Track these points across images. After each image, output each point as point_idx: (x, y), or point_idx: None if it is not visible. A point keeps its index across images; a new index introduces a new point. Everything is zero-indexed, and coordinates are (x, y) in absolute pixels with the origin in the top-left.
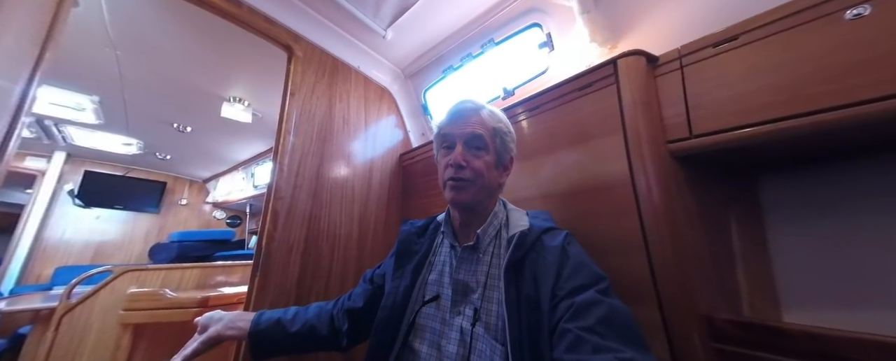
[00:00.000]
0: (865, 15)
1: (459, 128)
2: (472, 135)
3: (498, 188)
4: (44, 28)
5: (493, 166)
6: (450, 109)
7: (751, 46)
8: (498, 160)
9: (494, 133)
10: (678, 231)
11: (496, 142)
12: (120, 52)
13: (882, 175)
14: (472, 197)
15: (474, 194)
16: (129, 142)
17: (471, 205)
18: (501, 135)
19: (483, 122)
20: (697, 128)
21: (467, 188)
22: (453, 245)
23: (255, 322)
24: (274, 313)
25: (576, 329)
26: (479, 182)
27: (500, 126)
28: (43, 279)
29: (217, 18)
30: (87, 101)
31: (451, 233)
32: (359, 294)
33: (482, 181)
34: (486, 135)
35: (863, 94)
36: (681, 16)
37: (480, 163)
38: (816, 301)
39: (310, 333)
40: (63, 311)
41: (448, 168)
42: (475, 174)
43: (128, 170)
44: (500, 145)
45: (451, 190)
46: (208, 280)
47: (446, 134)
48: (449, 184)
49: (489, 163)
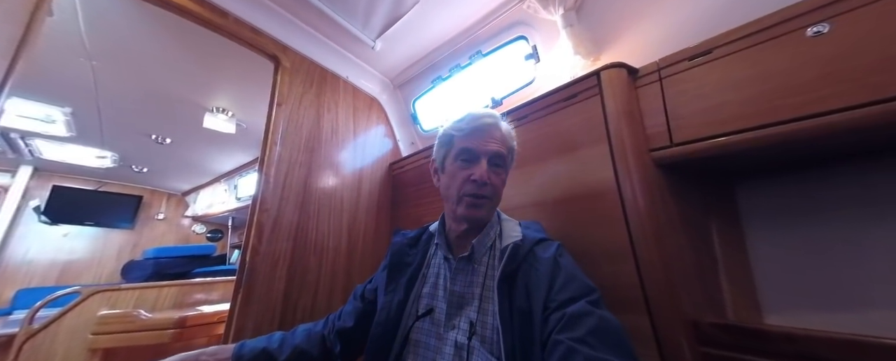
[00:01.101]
0: (824, 33)
1: (483, 143)
2: (496, 154)
3: (500, 202)
4: (15, 38)
5: (504, 183)
6: (469, 120)
7: (723, 60)
8: (506, 176)
9: (510, 150)
10: (663, 237)
11: (509, 159)
12: (96, 63)
13: (851, 183)
14: (487, 213)
15: (490, 211)
16: (103, 155)
17: (483, 222)
18: (512, 153)
19: (504, 140)
20: (677, 137)
21: (485, 205)
22: (447, 256)
23: (236, 354)
24: (257, 342)
25: (567, 341)
26: (496, 199)
27: (513, 144)
28: (2, 302)
29: (200, 28)
30: (58, 113)
31: (445, 245)
32: (349, 312)
33: (498, 198)
34: (506, 153)
35: (825, 106)
36: (659, 30)
37: (500, 180)
38: (795, 305)
39: (300, 359)
40: (25, 337)
41: (470, 183)
42: (495, 191)
43: (101, 184)
44: (511, 161)
45: (469, 206)
46: (186, 298)
47: (468, 148)
48: (467, 200)
49: (504, 181)
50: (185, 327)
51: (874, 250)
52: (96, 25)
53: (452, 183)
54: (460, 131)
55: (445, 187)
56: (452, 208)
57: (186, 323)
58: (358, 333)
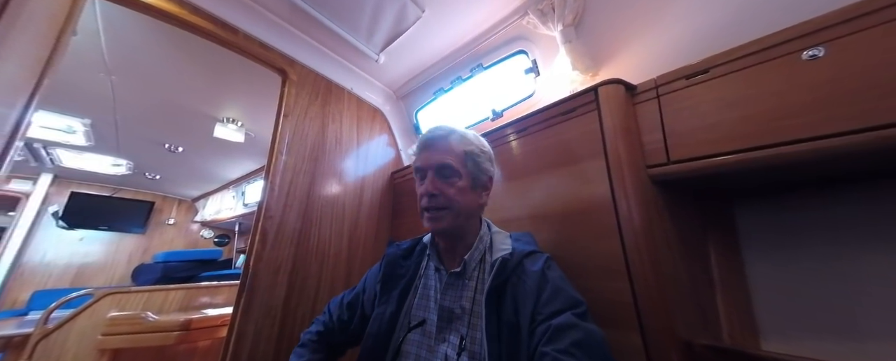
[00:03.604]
0: (820, 57)
1: (429, 157)
2: (441, 165)
3: (478, 209)
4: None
5: (468, 189)
6: (420, 138)
7: (720, 80)
8: (473, 182)
9: (466, 157)
10: (659, 254)
11: (468, 165)
12: (115, 77)
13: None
14: (448, 224)
15: (451, 221)
16: (118, 163)
17: (450, 232)
18: (473, 158)
19: (451, 149)
20: (674, 155)
21: (444, 217)
22: (438, 268)
23: None
24: None
25: (552, 353)
26: (455, 207)
27: (472, 148)
28: (18, 304)
29: (212, 44)
30: (78, 124)
31: (437, 257)
32: (338, 330)
33: (458, 206)
34: (456, 162)
35: (817, 131)
36: (657, 48)
37: (453, 189)
38: (792, 328)
39: None
40: (39, 337)
41: (423, 197)
42: (448, 201)
43: (115, 191)
44: (474, 167)
45: (428, 220)
46: (192, 301)
47: (418, 166)
48: (425, 215)
49: (463, 188)
50: (189, 329)
51: (873, 276)
52: (116, 43)
53: (418, 202)
54: (415, 153)
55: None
56: (424, 225)
57: (191, 326)
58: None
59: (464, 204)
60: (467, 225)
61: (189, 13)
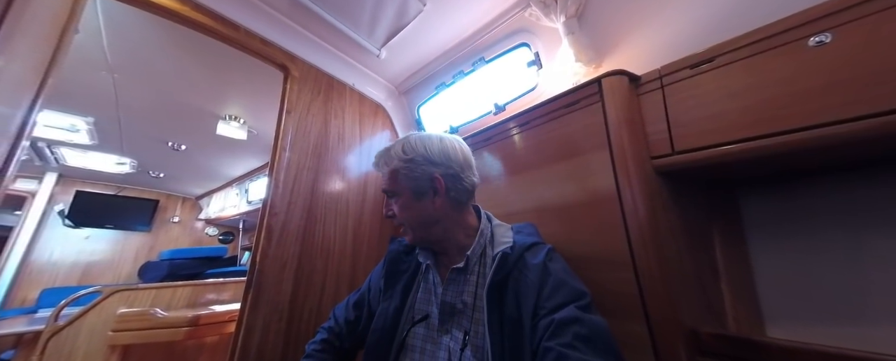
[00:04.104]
0: (827, 43)
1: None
2: (383, 190)
3: (440, 212)
4: (48, 55)
5: (411, 202)
6: None
7: (725, 69)
8: (415, 193)
9: (394, 175)
10: (663, 245)
11: (401, 181)
12: (117, 75)
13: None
14: (412, 237)
15: (413, 234)
16: (122, 162)
17: (419, 242)
18: (402, 172)
19: (383, 173)
20: (679, 145)
21: (405, 231)
22: (427, 264)
23: None
24: None
25: (557, 347)
26: (409, 223)
27: (396, 165)
28: (28, 302)
29: (213, 40)
30: (81, 122)
31: (431, 257)
32: (347, 333)
33: (411, 221)
34: (389, 183)
35: (826, 117)
36: (660, 38)
37: (396, 207)
38: (798, 315)
39: None
40: (50, 334)
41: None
42: (401, 218)
43: (120, 189)
44: (405, 179)
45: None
46: (199, 298)
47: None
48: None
49: (404, 204)
50: (197, 325)
51: (878, 262)
52: (118, 40)
53: None
54: None
55: None
56: None
57: (199, 322)
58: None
59: (416, 217)
60: (436, 231)
61: (190, 9)
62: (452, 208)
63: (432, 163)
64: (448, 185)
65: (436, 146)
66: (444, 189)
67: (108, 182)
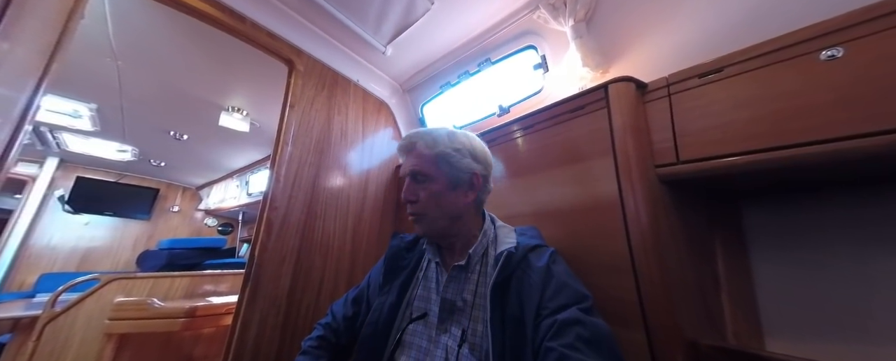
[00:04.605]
0: (838, 57)
1: (405, 164)
2: (412, 172)
3: (466, 208)
4: (53, 40)
5: (445, 191)
6: (398, 146)
7: (734, 79)
8: (452, 183)
9: (437, 159)
10: (664, 254)
11: (442, 167)
12: (121, 63)
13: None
14: (428, 227)
15: (430, 224)
16: (123, 149)
17: (434, 234)
18: (447, 158)
19: (420, 155)
20: (684, 155)
21: (422, 220)
22: (437, 262)
23: None
24: None
25: (559, 348)
26: (432, 212)
27: (443, 149)
28: (26, 286)
29: (218, 31)
30: (84, 109)
31: (437, 253)
32: (345, 329)
33: (436, 210)
34: (426, 166)
35: (834, 132)
36: (668, 46)
37: (426, 193)
38: (798, 330)
39: None
40: (46, 319)
41: (405, 204)
42: (424, 206)
43: (120, 177)
44: (449, 168)
45: (413, 223)
46: (197, 289)
47: (401, 173)
48: (410, 219)
49: (438, 191)
50: (194, 316)
51: (884, 279)
52: (123, 28)
53: None
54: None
55: None
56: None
57: (196, 313)
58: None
59: (443, 206)
60: (456, 226)
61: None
62: (475, 207)
63: (476, 159)
64: (482, 185)
65: (478, 144)
66: (480, 187)
67: (109, 169)
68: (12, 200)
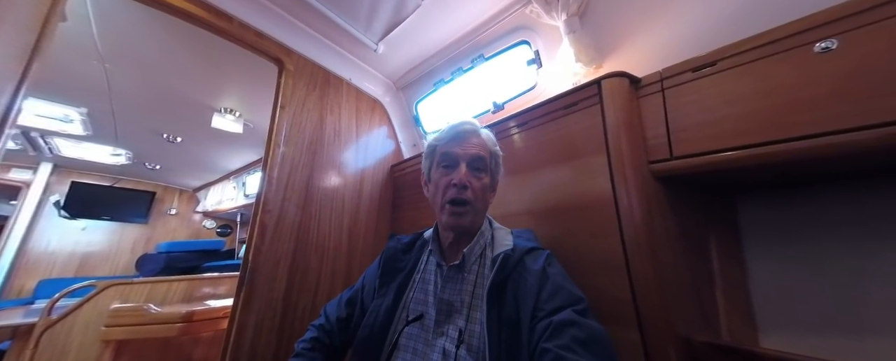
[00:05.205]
0: (833, 49)
1: (463, 147)
2: (476, 157)
3: (487, 208)
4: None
5: (488, 187)
6: (449, 128)
7: (728, 73)
8: (492, 182)
9: (492, 156)
10: (658, 251)
11: (492, 164)
12: (109, 65)
13: (852, 203)
14: (470, 221)
15: (473, 218)
16: (117, 153)
17: (468, 229)
18: (496, 158)
19: (483, 144)
20: (678, 150)
21: (467, 213)
22: (440, 263)
23: None
24: None
25: (554, 349)
26: (478, 205)
27: (496, 149)
28: (25, 292)
29: (206, 32)
30: (74, 113)
31: (439, 252)
32: (338, 331)
33: (480, 204)
34: (487, 157)
35: (829, 126)
36: (663, 39)
37: (480, 184)
38: (792, 325)
39: None
40: (43, 327)
41: (451, 188)
42: (475, 196)
43: (116, 181)
44: (495, 167)
45: (451, 215)
46: (195, 292)
47: (448, 152)
48: (449, 209)
49: (486, 186)
50: (191, 321)
51: (874, 273)
52: (107, 29)
53: (437, 191)
54: (441, 139)
55: (432, 196)
56: (439, 217)
57: (193, 318)
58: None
59: (484, 202)
60: (479, 222)
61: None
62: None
63: (499, 165)
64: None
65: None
66: (496, 191)
67: (103, 173)
68: (8, 206)
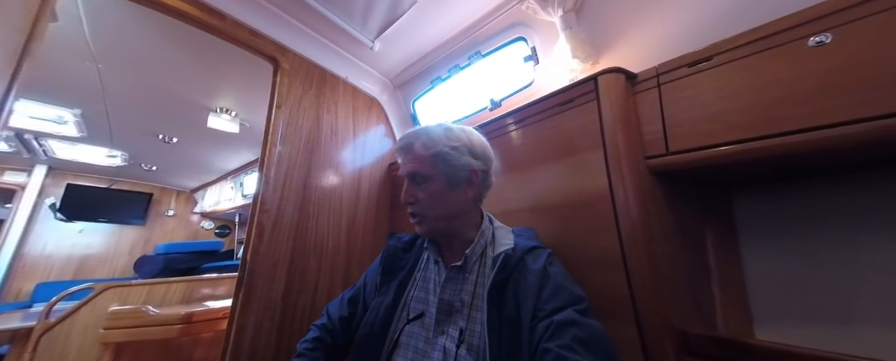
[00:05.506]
0: (827, 43)
1: (403, 165)
2: (412, 173)
3: (467, 204)
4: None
5: (444, 191)
6: (395, 147)
7: (723, 68)
8: (451, 182)
9: (435, 159)
10: (655, 246)
11: (440, 167)
12: (102, 66)
13: (844, 196)
14: (429, 228)
15: (431, 224)
16: (112, 154)
17: (436, 234)
18: (445, 157)
19: (419, 157)
20: (674, 146)
21: (423, 221)
22: (437, 261)
23: None
24: None
25: (556, 348)
26: (432, 212)
27: (440, 148)
28: (23, 295)
29: (200, 30)
30: (68, 114)
31: (437, 251)
32: (341, 330)
33: (435, 210)
34: (424, 167)
35: (824, 120)
36: (659, 34)
37: (425, 194)
38: (787, 317)
39: None
40: (41, 331)
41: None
42: (423, 207)
43: (112, 182)
44: (447, 167)
45: (415, 225)
46: (194, 293)
47: (399, 173)
48: (411, 221)
49: (436, 191)
50: (191, 322)
51: (867, 264)
52: (99, 29)
53: None
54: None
55: None
56: None
57: (192, 319)
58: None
59: (443, 206)
60: (457, 224)
61: None
62: (474, 204)
63: (474, 155)
64: (481, 181)
65: (477, 139)
66: (479, 183)
67: (100, 174)
68: (3, 210)
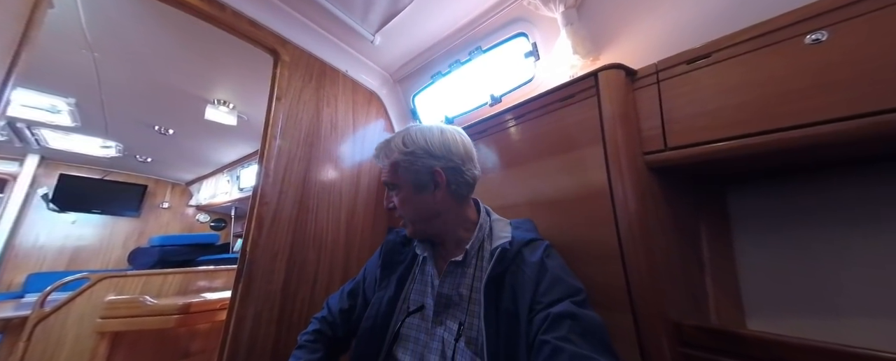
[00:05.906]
0: (823, 41)
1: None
2: (384, 182)
3: (441, 205)
4: (19, 30)
5: (412, 196)
6: None
7: (722, 64)
8: (415, 187)
9: (395, 167)
10: (652, 240)
11: (401, 174)
12: (97, 54)
13: (842, 191)
14: (413, 230)
15: (414, 227)
16: (107, 145)
17: (421, 234)
18: (402, 165)
19: (384, 166)
20: (672, 141)
21: (407, 224)
22: (426, 257)
23: None
24: None
25: (553, 340)
26: (409, 216)
27: (394, 157)
28: (14, 286)
29: (199, 20)
30: (62, 103)
31: (429, 249)
32: (341, 322)
33: (411, 214)
34: (390, 176)
35: (819, 116)
36: (658, 31)
37: (400, 199)
38: (777, 308)
39: None
40: (36, 320)
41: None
42: (402, 212)
43: (106, 173)
44: (407, 173)
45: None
46: (190, 285)
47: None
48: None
49: (406, 197)
50: (188, 313)
51: (854, 257)
52: (95, 17)
53: None
54: None
55: None
56: None
57: (190, 309)
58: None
59: (416, 210)
60: (436, 225)
61: None
62: (453, 201)
63: (433, 155)
64: (449, 179)
65: (437, 138)
66: (446, 182)
67: (93, 165)
68: None
